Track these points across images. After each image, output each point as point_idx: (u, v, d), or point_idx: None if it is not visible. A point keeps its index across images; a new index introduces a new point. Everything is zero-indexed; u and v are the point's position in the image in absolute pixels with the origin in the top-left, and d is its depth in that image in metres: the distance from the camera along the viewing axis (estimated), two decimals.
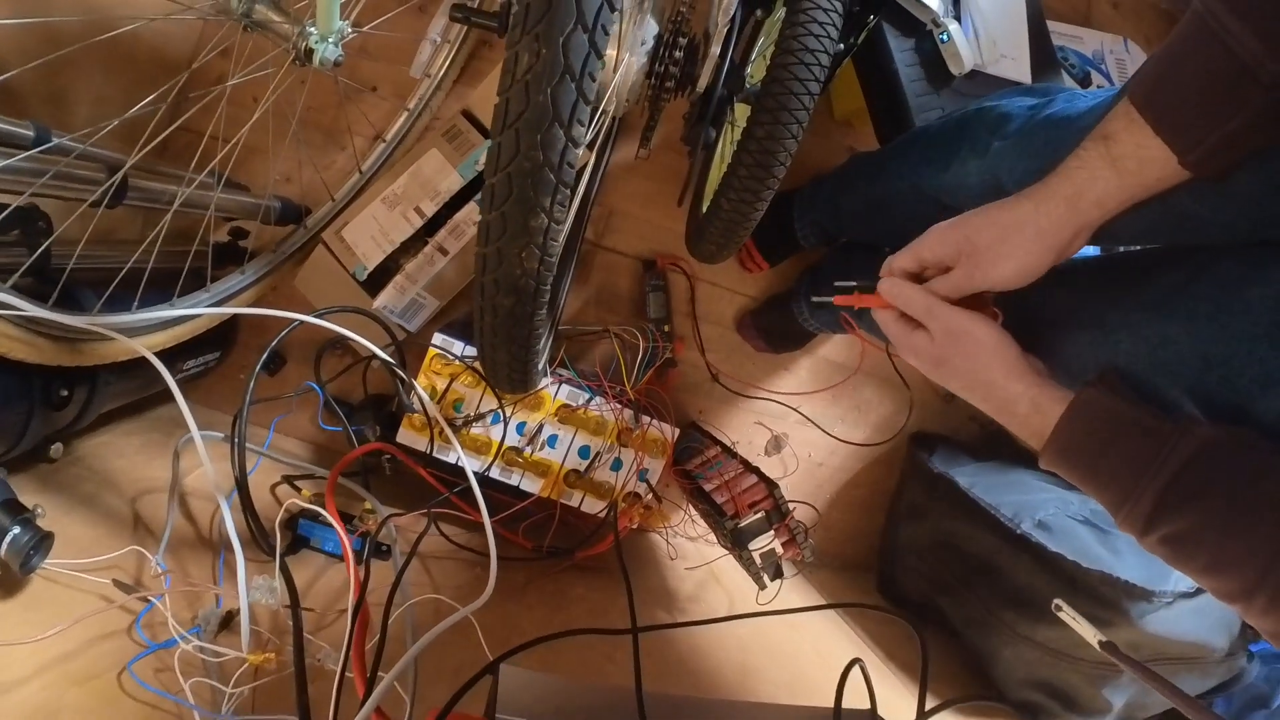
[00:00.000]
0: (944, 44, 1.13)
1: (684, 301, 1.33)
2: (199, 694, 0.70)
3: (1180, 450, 0.53)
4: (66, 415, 0.96)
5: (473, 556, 1.07)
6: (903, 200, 1.00)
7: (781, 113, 0.86)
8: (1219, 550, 0.52)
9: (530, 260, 0.60)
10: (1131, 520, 0.56)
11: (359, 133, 1.25)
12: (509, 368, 0.71)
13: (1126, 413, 0.58)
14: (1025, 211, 0.63)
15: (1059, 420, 0.60)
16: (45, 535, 0.75)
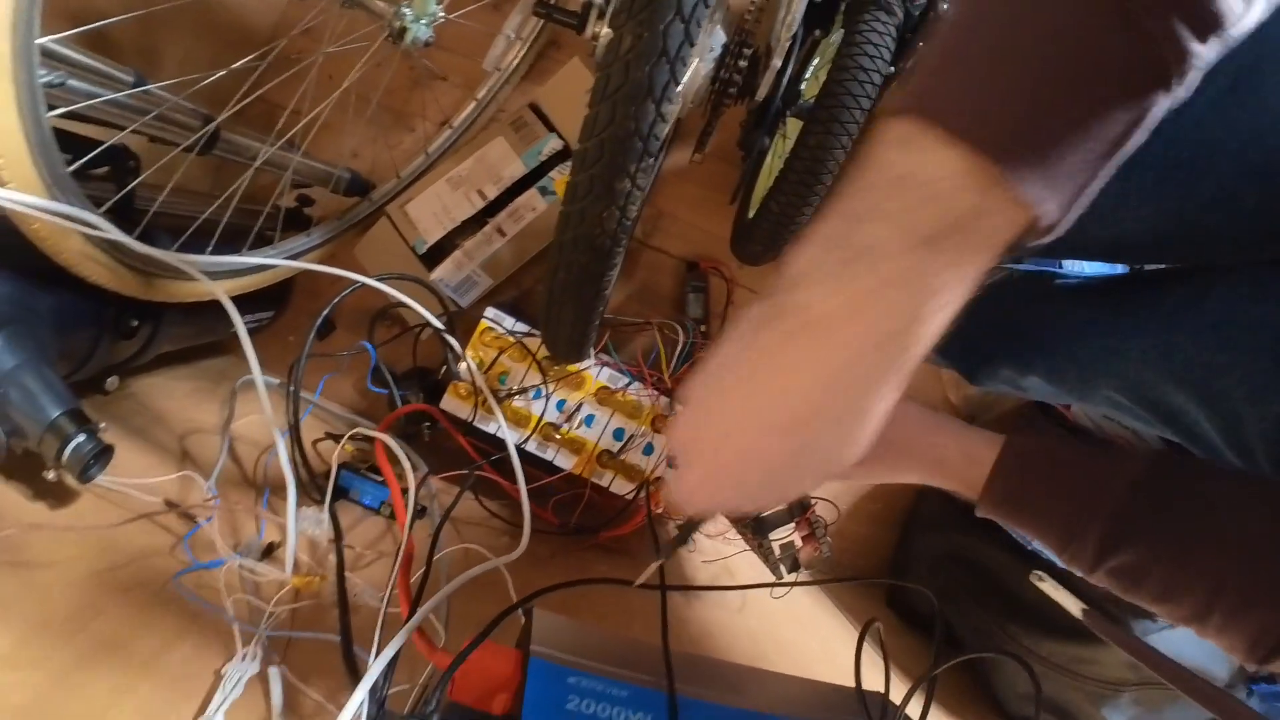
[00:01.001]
0: None
1: (720, 305, 1.33)
2: (238, 611, 0.70)
3: (1116, 488, 0.53)
4: (130, 347, 0.96)
5: (504, 526, 1.06)
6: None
7: (834, 124, 0.89)
8: (1168, 578, 0.52)
9: (610, 221, 0.60)
10: (1078, 560, 0.55)
11: (428, 118, 1.27)
12: (570, 327, 0.71)
13: (1061, 454, 0.57)
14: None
15: (993, 468, 0.59)
16: (106, 448, 0.74)
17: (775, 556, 1.02)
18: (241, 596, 0.70)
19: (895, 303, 0.35)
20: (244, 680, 0.61)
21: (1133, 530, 0.52)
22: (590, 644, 0.62)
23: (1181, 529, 0.51)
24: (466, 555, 0.84)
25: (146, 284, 0.87)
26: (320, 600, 0.73)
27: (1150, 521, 0.52)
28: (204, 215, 0.95)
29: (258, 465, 0.99)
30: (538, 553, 1.03)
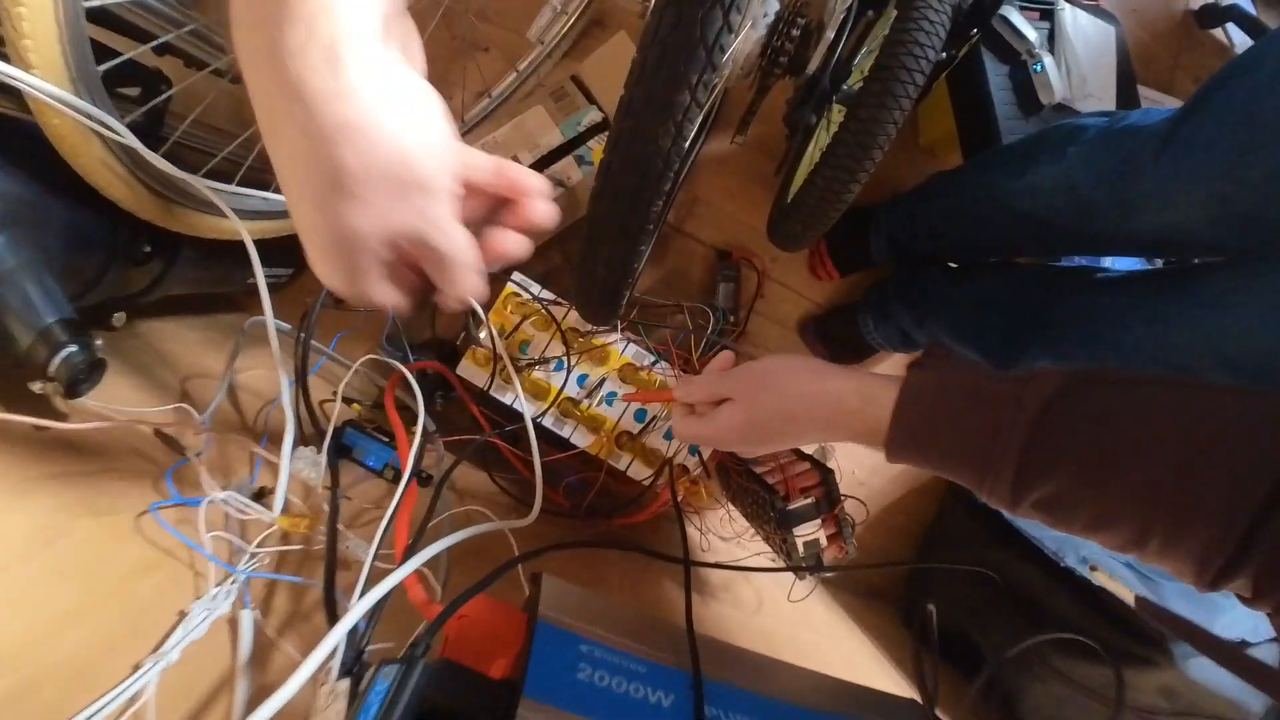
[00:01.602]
0: (1036, 74, 1.13)
1: (749, 297, 1.25)
2: (218, 549, 0.61)
3: (1028, 408, 0.47)
4: (141, 278, 0.89)
5: (512, 502, 0.98)
6: (976, 207, 0.98)
7: (886, 97, 0.85)
8: (1097, 504, 0.46)
9: (664, 138, 0.53)
10: (997, 493, 0.49)
11: (467, 87, 1.21)
12: (608, 272, 0.63)
13: (964, 382, 0.51)
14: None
15: (895, 405, 0.53)
16: (99, 361, 0.67)
17: (799, 554, 0.93)
18: (222, 535, 0.61)
19: None
20: (209, 620, 0.53)
21: (1051, 455, 0.46)
22: (604, 614, 0.54)
23: (1105, 447, 0.45)
24: (469, 518, 0.75)
25: (165, 210, 0.80)
26: (308, 549, 0.64)
27: (1069, 442, 0.46)
28: (229, 150, 0.88)
29: (259, 416, 0.91)
30: (546, 535, 0.94)
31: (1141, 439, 0.44)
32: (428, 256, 0.39)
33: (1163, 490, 0.43)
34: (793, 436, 0.60)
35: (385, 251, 0.37)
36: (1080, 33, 1.20)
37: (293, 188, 0.35)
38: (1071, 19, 1.20)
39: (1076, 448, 0.46)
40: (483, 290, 0.42)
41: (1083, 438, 0.46)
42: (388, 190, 0.35)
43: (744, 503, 1.08)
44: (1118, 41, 1.25)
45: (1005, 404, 0.48)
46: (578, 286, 0.69)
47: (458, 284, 0.40)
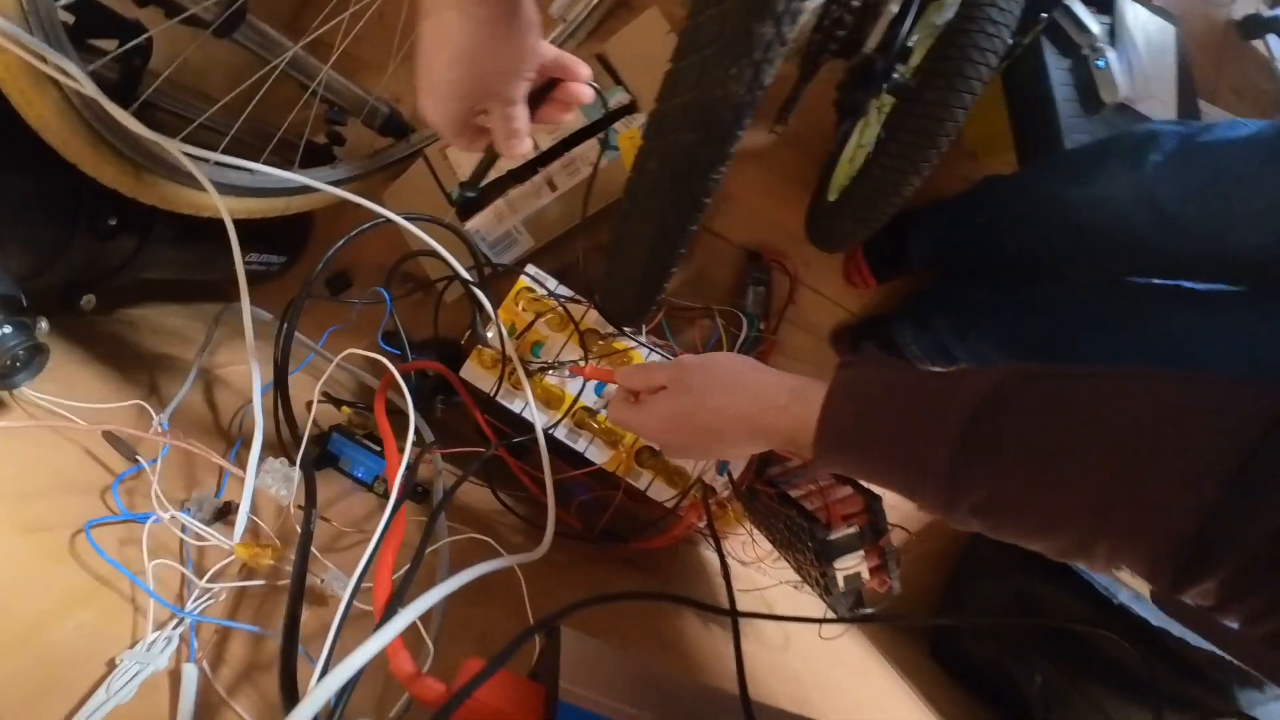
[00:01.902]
0: (1099, 70, 1.02)
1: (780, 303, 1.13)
2: (163, 581, 0.50)
3: (963, 404, 0.43)
4: (111, 257, 0.78)
5: (518, 523, 0.86)
6: (1036, 216, 0.89)
7: (957, 79, 0.77)
8: (1037, 505, 0.41)
9: (737, 84, 0.42)
10: (930, 496, 0.44)
11: None
12: (650, 250, 0.52)
13: (898, 379, 0.47)
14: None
15: (824, 400, 0.48)
16: (38, 347, 0.56)
17: (839, 588, 0.81)
18: (169, 564, 0.50)
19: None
20: (140, 678, 0.41)
21: (987, 454, 0.42)
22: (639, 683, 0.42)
23: (1042, 444, 0.41)
24: (472, 549, 0.63)
25: (135, 178, 0.69)
26: (273, 583, 0.52)
27: (1005, 440, 0.42)
28: (209, 112, 0.77)
29: (235, 417, 0.79)
30: (555, 560, 0.82)
31: (1082, 434, 0.40)
32: (500, 111, 0.50)
33: (1106, 489, 0.39)
34: (715, 435, 0.55)
35: (472, 100, 0.49)
36: (1141, 29, 1.09)
37: (430, 51, 0.46)
38: (1133, 14, 1.10)
39: (1012, 445, 0.41)
40: (528, 148, 0.53)
41: (1019, 434, 0.41)
42: (495, 62, 0.46)
43: (772, 528, 0.97)
44: (1178, 42, 1.14)
45: (939, 401, 0.44)
46: (608, 276, 0.57)
47: (514, 144, 0.52)
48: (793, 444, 0.52)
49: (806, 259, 1.13)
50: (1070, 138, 0.99)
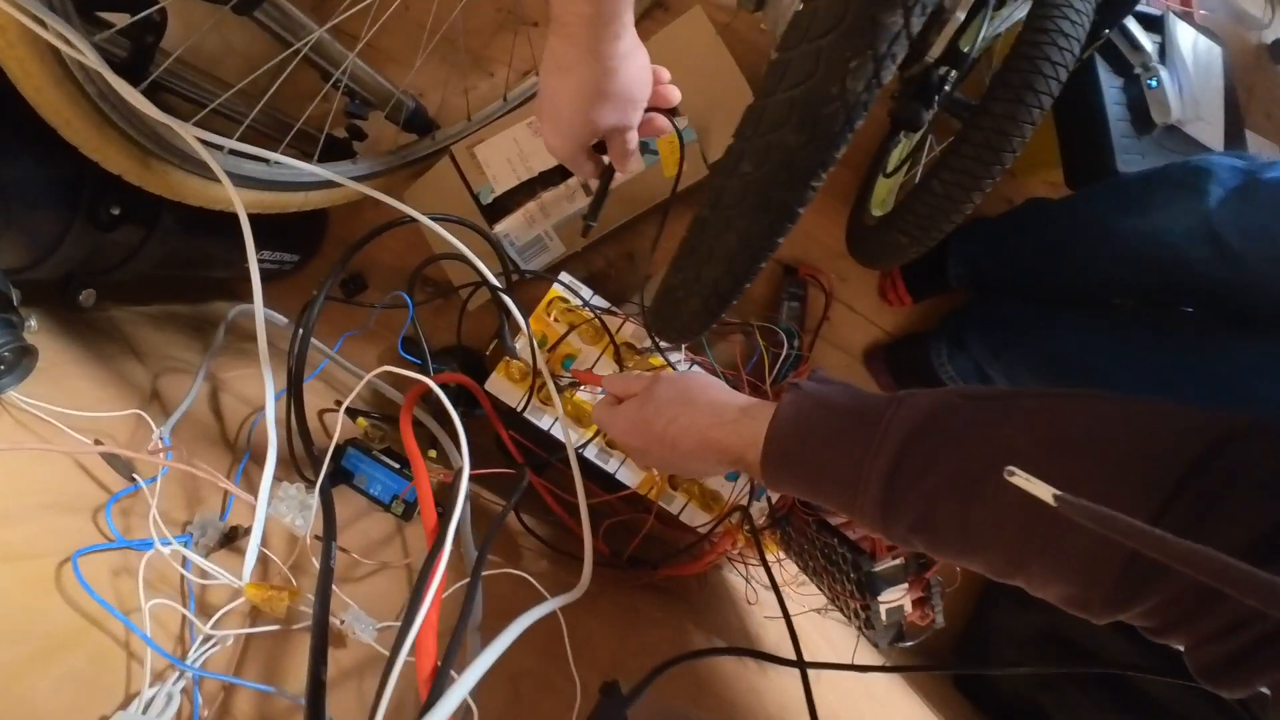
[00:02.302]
0: (1151, 89, 0.97)
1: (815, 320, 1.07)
2: (163, 622, 0.42)
3: (900, 424, 0.43)
4: (114, 250, 0.71)
5: (539, 547, 0.79)
6: (1084, 244, 0.85)
7: (1026, 92, 0.72)
8: (967, 524, 0.40)
9: (855, 80, 0.35)
10: (868, 515, 0.45)
11: (511, 65, 1.03)
12: (729, 261, 0.45)
13: (842, 400, 0.48)
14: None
15: (771, 421, 0.49)
16: (26, 349, 0.49)
17: (882, 622, 0.75)
18: (168, 604, 0.42)
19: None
20: None
21: (919, 474, 0.42)
22: None
23: (972, 462, 0.40)
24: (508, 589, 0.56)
25: (141, 164, 0.62)
26: (287, 624, 0.45)
27: (938, 459, 0.41)
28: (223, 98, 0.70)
29: (243, 427, 0.72)
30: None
31: (1012, 452, 0.39)
32: (619, 139, 0.57)
33: (1034, 509, 0.34)
34: (671, 444, 0.56)
35: (598, 132, 0.55)
36: (1190, 49, 1.04)
37: (566, 96, 0.51)
38: (1183, 33, 1.04)
39: (944, 464, 0.41)
40: (639, 165, 0.63)
41: (951, 453, 0.41)
42: (619, 103, 0.53)
43: (804, 555, 0.90)
44: (1225, 64, 1.09)
45: (878, 422, 0.44)
46: (670, 289, 0.50)
47: (629, 162, 0.59)
48: (740, 464, 0.52)
49: (842, 274, 1.07)
50: (1122, 158, 0.94)
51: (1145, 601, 0.37)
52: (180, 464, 0.48)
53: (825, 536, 0.82)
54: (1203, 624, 0.35)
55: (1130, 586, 0.36)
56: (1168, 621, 0.37)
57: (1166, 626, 0.37)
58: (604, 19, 0.45)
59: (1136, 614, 0.38)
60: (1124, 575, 0.36)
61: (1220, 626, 0.34)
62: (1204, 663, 0.36)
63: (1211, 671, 0.36)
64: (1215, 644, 0.35)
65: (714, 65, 0.90)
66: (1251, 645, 0.34)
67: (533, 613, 0.42)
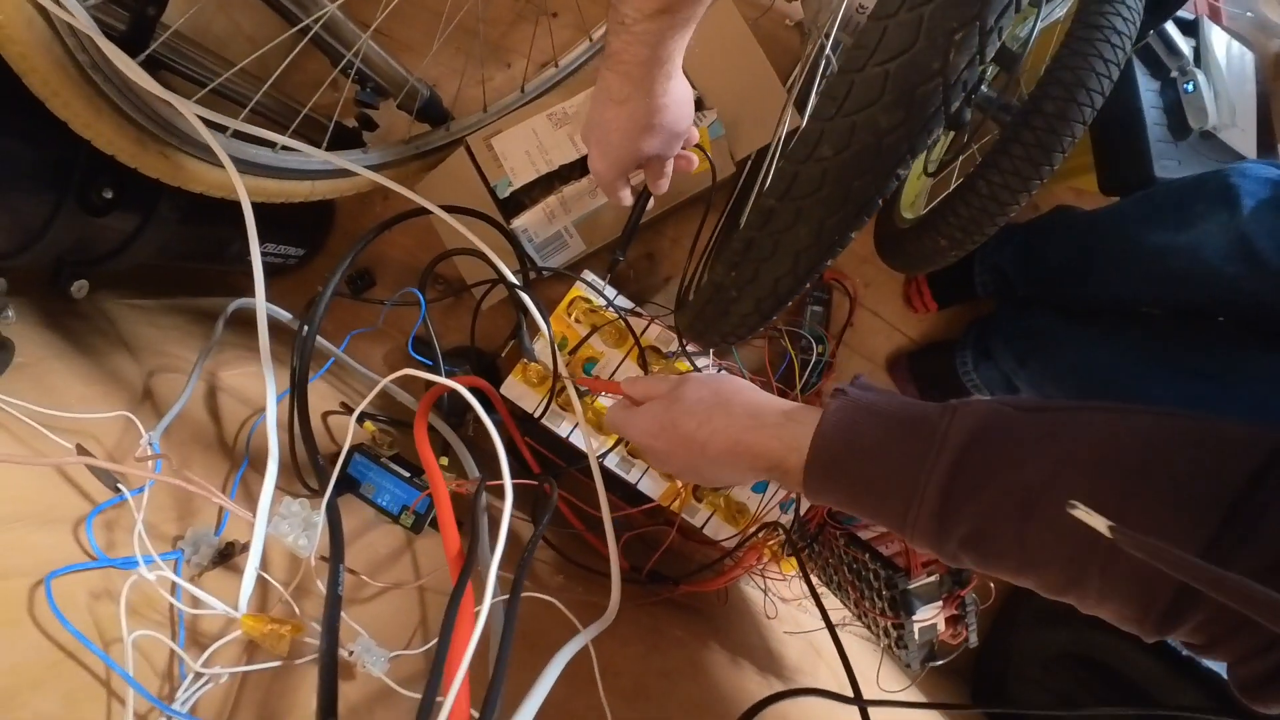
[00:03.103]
0: (1188, 94, 0.92)
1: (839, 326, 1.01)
2: (149, 654, 0.36)
3: (955, 434, 0.41)
4: (104, 236, 0.64)
5: (555, 559, 0.73)
6: (1117, 259, 0.80)
7: (1078, 90, 0.68)
8: (1026, 538, 0.38)
9: (960, 54, 0.30)
10: (921, 528, 0.41)
11: (530, 56, 0.97)
12: (794, 256, 0.39)
13: (891, 407, 0.45)
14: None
15: (818, 427, 0.45)
16: (2, 342, 0.42)
17: (915, 642, 0.69)
18: (155, 636, 0.36)
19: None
20: None
21: (976, 485, 0.39)
22: None
23: (1032, 475, 0.38)
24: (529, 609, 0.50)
25: (137, 144, 0.56)
26: (291, 662, 0.39)
27: (995, 470, 0.39)
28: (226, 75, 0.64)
29: (242, 430, 0.65)
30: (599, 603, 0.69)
31: (1069, 467, 0.38)
32: (658, 166, 0.63)
33: (1093, 528, 0.33)
34: (699, 449, 0.51)
35: (641, 160, 0.60)
36: (1224, 54, 1.00)
37: (617, 126, 0.56)
38: (1217, 37, 0.99)
39: (1002, 479, 0.39)
40: (665, 189, 0.66)
41: (1009, 467, 0.39)
42: (664, 135, 0.57)
43: (828, 568, 0.84)
44: (1257, 70, 1.04)
45: (932, 433, 0.41)
46: (719, 288, 0.44)
47: (663, 185, 0.65)
48: (777, 471, 0.48)
49: (867, 279, 1.01)
50: (1160, 164, 0.89)
51: (1193, 619, 0.36)
52: (168, 478, 0.42)
53: (856, 551, 0.76)
54: (1245, 640, 0.35)
55: (1181, 606, 0.35)
56: (1213, 638, 0.36)
57: (1212, 643, 0.36)
58: (659, 61, 0.49)
59: (1184, 631, 0.37)
60: (1177, 595, 0.35)
61: (1260, 643, 0.34)
62: (1245, 678, 0.36)
63: (1250, 687, 0.36)
64: (1256, 660, 0.35)
65: (743, 59, 0.84)
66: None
67: (565, 652, 0.37)
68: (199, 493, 0.41)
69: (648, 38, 0.47)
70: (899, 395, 0.47)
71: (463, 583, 0.33)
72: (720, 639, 0.78)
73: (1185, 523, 0.35)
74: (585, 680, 0.50)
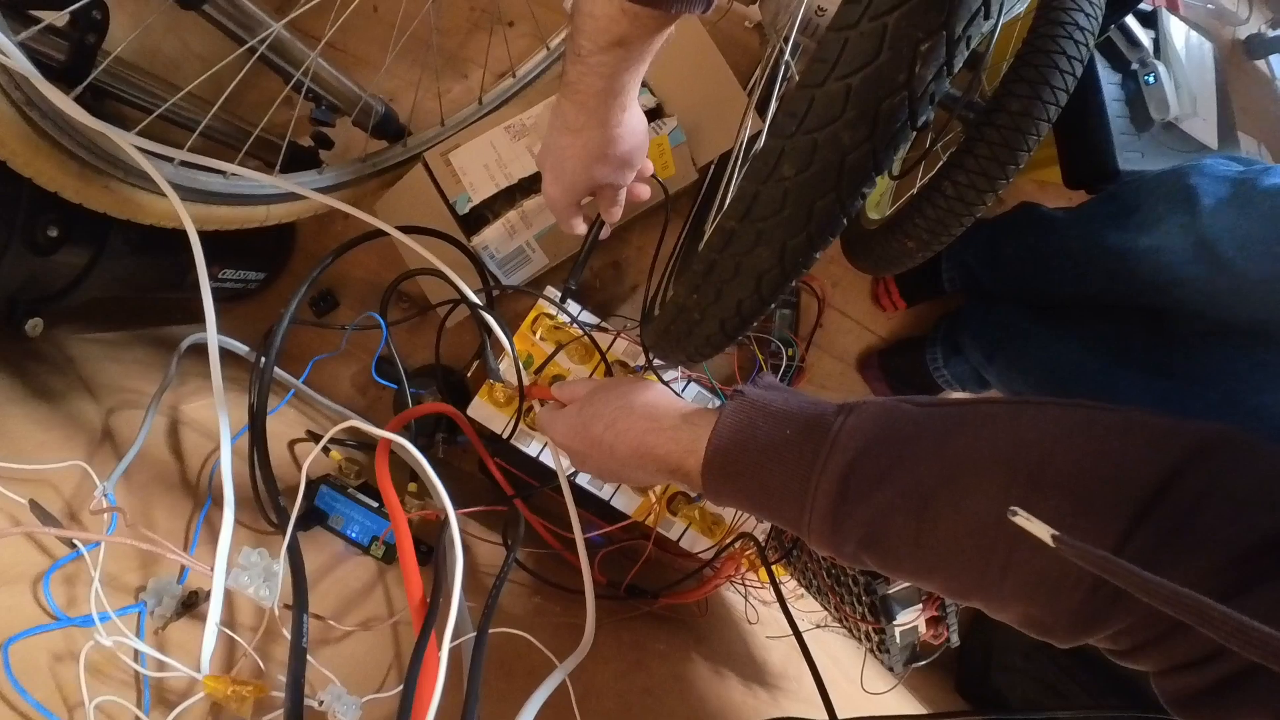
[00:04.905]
0: (1149, 85, 0.93)
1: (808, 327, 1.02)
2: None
3: (846, 434, 0.41)
4: (53, 274, 0.64)
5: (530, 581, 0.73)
6: (1080, 260, 0.81)
7: (1042, 88, 0.68)
8: (927, 541, 0.37)
9: (927, 67, 0.30)
10: (817, 530, 0.41)
11: (487, 66, 0.97)
12: (757, 279, 0.39)
13: (786, 407, 0.45)
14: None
15: (713, 429, 0.46)
16: None
17: (897, 645, 0.71)
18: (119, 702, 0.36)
19: None
20: None
21: (872, 483, 0.39)
22: None
23: (933, 471, 0.37)
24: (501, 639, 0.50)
25: (81, 179, 0.55)
26: (258, 714, 0.39)
27: (893, 468, 0.39)
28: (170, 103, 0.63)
29: (205, 466, 0.65)
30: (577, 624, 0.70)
31: (968, 464, 0.37)
32: (611, 194, 0.64)
33: (991, 526, 0.35)
34: (608, 451, 0.53)
35: (594, 187, 0.60)
36: (1184, 45, 1.01)
37: (571, 154, 0.56)
38: (1176, 29, 1.01)
39: (896, 478, 0.38)
40: (618, 218, 0.68)
41: (903, 466, 0.39)
42: (618, 165, 0.58)
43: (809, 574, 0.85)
44: (1216, 60, 1.06)
45: (825, 431, 0.41)
46: (685, 309, 0.45)
47: (616, 213, 0.67)
48: (679, 473, 0.49)
49: (834, 279, 1.02)
50: (1123, 156, 0.90)
51: (1114, 624, 0.35)
52: (120, 538, 0.41)
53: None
54: (1176, 650, 0.33)
55: (1097, 608, 0.34)
56: (1138, 644, 0.35)
57: (1136, 649, 0.35)
58: (614, 93, 0.50)
59: (1104, 637, 0.36)
60: (1090, 596, 0.34)
61: (1195, 655, 0.32)
62: (1176, 692, 0.34)
63: (1182, 703, 0.34)
64: (1189, 674, 0.33)
65: (702, 63, 0.84)
66: (1230, 678, 0.32)
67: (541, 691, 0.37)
68: (153, 550, 0.41)
69: (603, 69, 0.48)
70: (800, 394, 0.47)
71: (426, 635, 0.33)
72: (703, 650, 0.78)
73: (1092, 521, 0.34)
74: (566, 710, 0.51)
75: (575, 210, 0.63)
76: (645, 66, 0.50)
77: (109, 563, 0.44)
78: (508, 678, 0.53)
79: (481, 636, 0.40)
